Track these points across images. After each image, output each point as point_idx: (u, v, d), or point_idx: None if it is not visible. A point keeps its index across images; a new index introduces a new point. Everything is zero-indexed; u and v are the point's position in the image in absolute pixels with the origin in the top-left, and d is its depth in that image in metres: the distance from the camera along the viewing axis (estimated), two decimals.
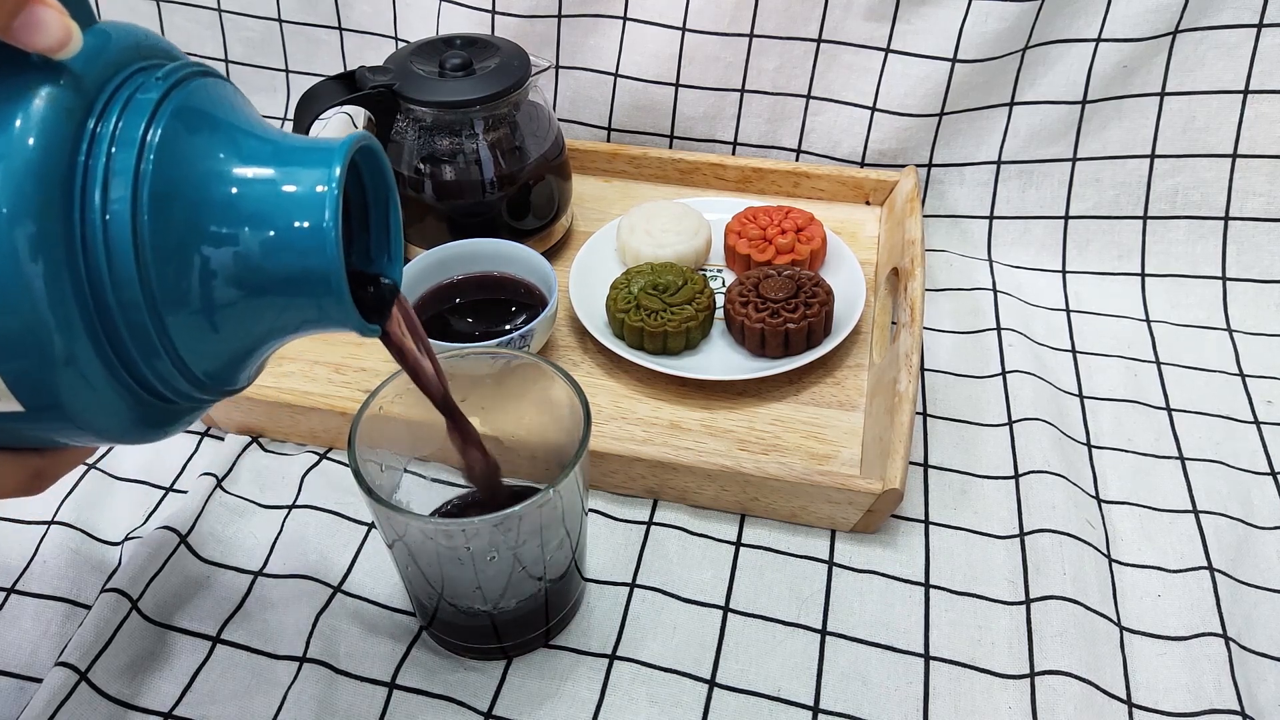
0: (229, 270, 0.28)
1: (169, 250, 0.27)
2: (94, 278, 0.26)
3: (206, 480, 0.53)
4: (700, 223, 0.68)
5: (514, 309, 0.62)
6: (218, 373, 0.30)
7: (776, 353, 0.59)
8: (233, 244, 0.28)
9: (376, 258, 0.35)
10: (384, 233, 0.35)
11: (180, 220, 0.27)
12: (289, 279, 0.28)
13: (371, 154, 0.32)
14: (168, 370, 0.28)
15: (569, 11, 0.75)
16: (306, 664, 0.45)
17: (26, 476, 0.30)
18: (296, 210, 0.28)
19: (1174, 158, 0.68)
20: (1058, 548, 0.50)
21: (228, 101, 0.30)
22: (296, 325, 0.31)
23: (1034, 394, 0.58)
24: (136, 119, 0.27)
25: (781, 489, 0.50)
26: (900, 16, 0.69)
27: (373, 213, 0.34)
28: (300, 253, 0.28)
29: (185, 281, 0.27)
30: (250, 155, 0.29)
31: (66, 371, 0.26)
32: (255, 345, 0.31)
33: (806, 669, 0.46)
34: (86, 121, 0.26)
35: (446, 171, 0.64)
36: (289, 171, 0.28)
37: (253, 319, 0.29)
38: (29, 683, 0.46)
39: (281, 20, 0.84)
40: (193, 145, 0.28)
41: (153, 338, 0.27)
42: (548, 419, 0.45)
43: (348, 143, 0.29)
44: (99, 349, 0.26)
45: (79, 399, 0.27)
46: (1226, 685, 0.45)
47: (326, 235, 0.28)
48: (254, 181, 0.28)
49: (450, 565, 0.40)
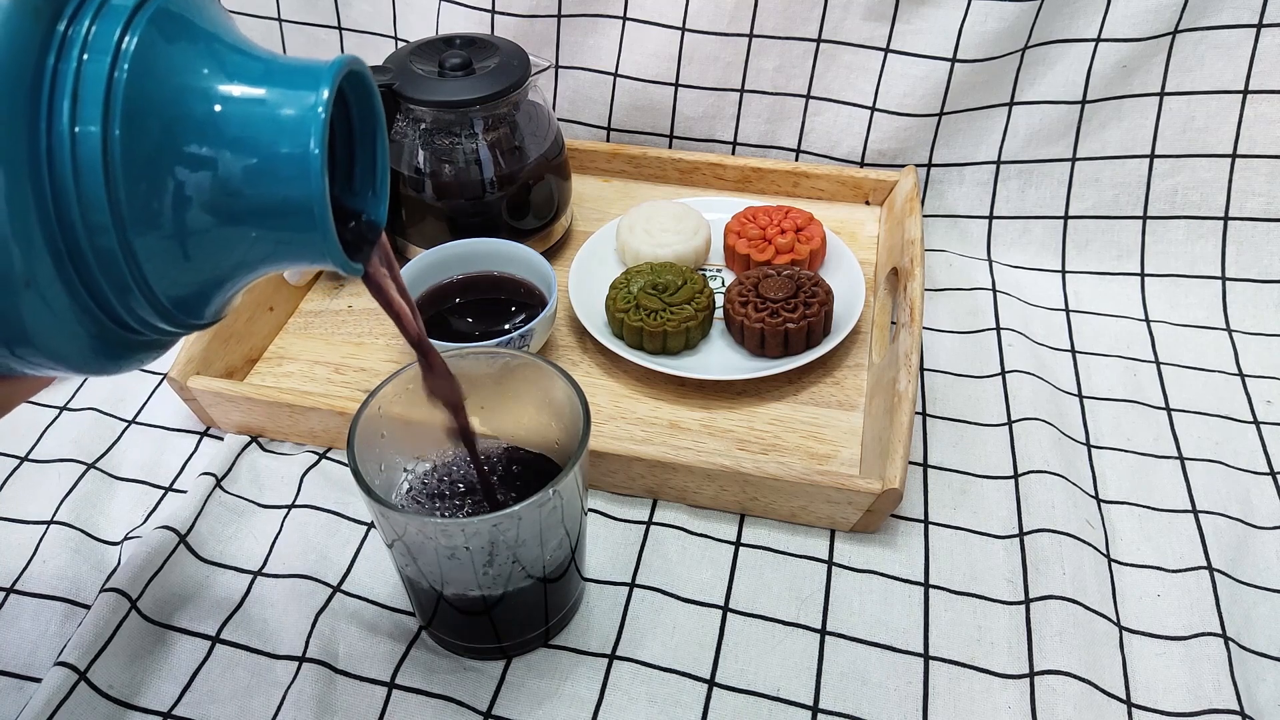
0: (204, 194, 0.26)
1: (141, 169, 0.25)
2: (59, 194, 0.24)
3: (206, 480, 0.53)
4: (700, 222, 0.68)
5: (514, 309, 0.62)
6: (185, 302, 0.28)
7: (776, 353, 0.59)
8: (210, 166, 0.26)
9: (360, 192, 0.33)
10: (369, 166, 0.33)
11: (155, 137, 0.25)
12: (269, 207, 0.27)
13: (360, 80, 0.30)
14: (134, 296, 0.27)
15: (569, 11, 0.75)
16: (306, 664, 0.45)
17: None
18: (280, 134, 0.26)
19: (1173, 158, 0.68)
20: (1057, 547, 0.50)
21: (209, 11, 0.28)
22: (274, 257, 0.29)
23: (1033, 394, 0.58)
24: (111, 24, 0.25)
25: (781, 489, 0.50)
26: (900, 16, 0.69)
27: (358, 144, 0.32)
28: (282, 180, 0.26)
29: (157, 203, 0.26)
30: (233, 71, 0.27)
31: (27, 293, 0.24)
32: (228, 276, 0.29)
33: (806, 669, 0.46)
34: (56, 24, 0.24)
35: (446, 171, 0.64)
36: (273, 92, 0.27)
37: (227, 247, 0.28)
38: (28, 682, 0.45)
39: (281, 20, 0.84)
40: (171, 56, 0.26)
41: (119, 261, 0.26)
42: (547, 418, 0.45)
43: (336, 65, 0.27)
44: (62, 270, 0.25)
45: (40, 323, 0.25)
46: (1226, 685, 0.45)
47: (311, 163, 0.26)
48: (235, 100, 0.26)
49: (450, 565, 0.40)
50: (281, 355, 0.63)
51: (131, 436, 0.58)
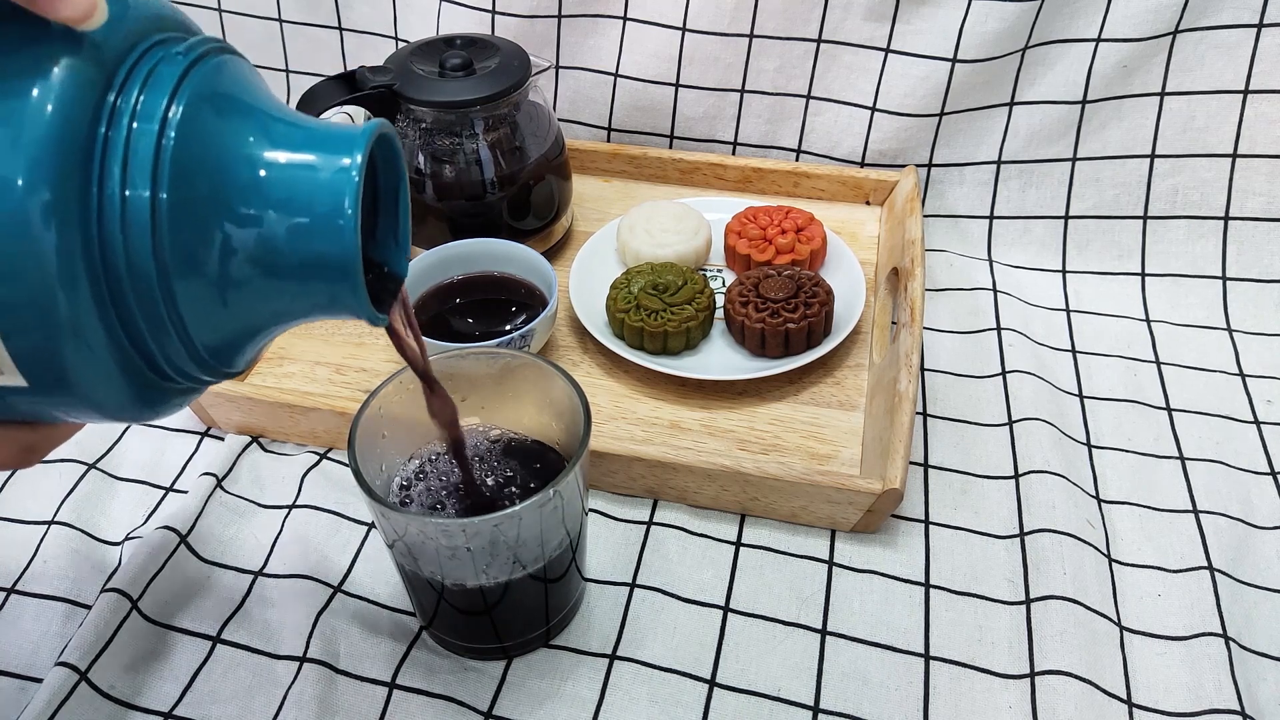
0: (244, 251, 0.28)
1: (185, 227, 0.27)
2: (108, 250, 0.25)
3: (207, 480, 0.53)
4: (700, 223, 0.68)
5: (514, 309, 0.62)
6: (220, 351, 0.30)
7: (776, 353, 0.59)
8: (251, 225, 0.28)
9: (383, 244, 0.35)
10: (393, 220, 0.34)
11: (199, 198, 0.27)
12: (305, 263, 0.28)
13: (388, 142, 0.32)
14: (173, 347, 0.28)
15: (569, 11, 0.75)
16: (307, 664, 0.45)
17: (19, 450, 0.30)
18: (318, 196, 0.28)
19: (1174, 158, 0.68)
20: (1058, 547, 0.50)
21: (246, 79, 0.30)
22: (306, 309, 0.30)
23: (1034, 394, 0.58)
24: (158, 94, 0.26)
25: (781, 489, 0.50)
26: (900, 16, 0.69)
27: (383, 200, 0.34)
28: (318, 238, 0.28)
29: (199, 259, 0.27)
30: (272, 137, 0.28)
31: (74, 346, 0.25)
32: (261, 327, 0.31)
33: (807, 669, 0.46)
34: (107, 94, 0.26)
35: (447, 171, 0.64)
36: (311, 157, 0.28)
37: (263, 301, 0.29)
38: (29, 682, 0.46)
39: (282, 20, 0.84)
40: (214, 123, 0.28)
41: (162, 314, 0.27)
42: (548, 419, 0.45)
43: (369, 130, 0.29)
44: (107, 323, 0.26)
45: (84, 375, 0.26)
46: (1226, 685, 0.45)
47: (346, 223, 0.28)
48: (275, 164, 0.28)
49: (450, 565, 0.40)
50: (282, 355, 0.63)
51: (132, 437, 0.58)
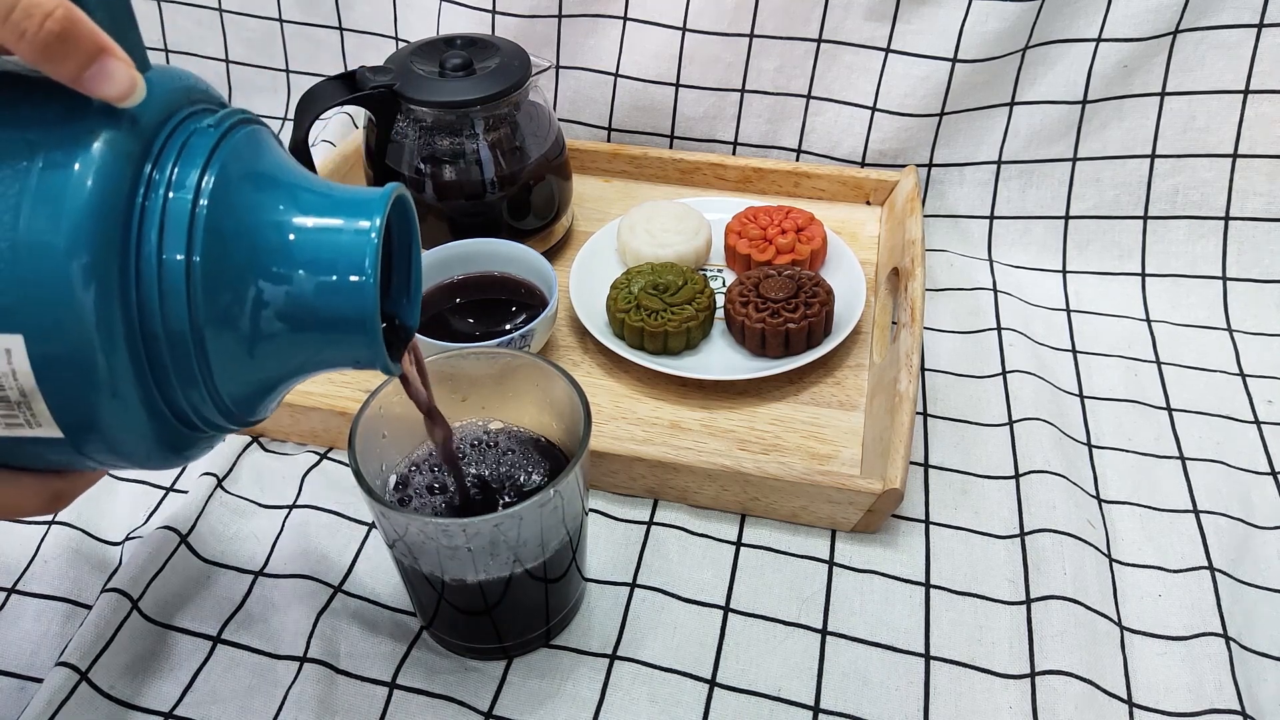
0: (272, 309, 0.30)
1: (218, 288, 0.29)
2: (145, 311, 0.27)
3: (207, 480, 0.53)
4: (700, 223, 0.68)
5: (514, 309, 0.62)
6: (244, 401, 0.32)
7: (777, 353, 0.59)
8: (278, 284, 0.30)
9: (396, 298, 0.37)
10: (405, 276, 0.36)
11: (230, 261, 0.29)
12: (327, 321, 0.30)
13: (402, 204, 0.34)
14: (201, 399, 0.30)
15: (569, 11, 0.75)
16: (307, 664, 0.45)
17: (48, 497, 0.32)
18: (340, 257, 0.30)
19: (1174, 158, 0.68)
20: (1058, 547, 0.50)
21: (272, 148, 0.32)
22: (327, 361, 0.33)
23: (1034, 394, 0.58)
24: (192, 165, 0.28)
25: (782, 489, 0.50)
26: (900, 16, 0.69)
27: (396, 256, 0.36)
28: (340, 297, 0.30)
29: (230, 318, 0.29)
30: (298, 203, 0.31)
31: (109, 400, 0.27)
32: (284, 378, 0.33)
33: (807, 669, 0.46)
34: (144, 165, 0.28)
35: (447, 171, 0.64)
36: (334, 221, 0.30)
37: (287, 354, 0.31)
38: (29, 683, 0.45)
39: (282, 20, 0.84)
40: (244, 190, 0.30)
41: (194, 369, 0.29)
42: (548, 419, 0.45)
43: (386, 194, 0.31)
44: (141, 379, 0.28)
45: (117, 427, 0.28)
46: (1227, 685, 0.45)
47: (366, 283, 0.30)
48: (301, 229, 0.30)
49: (451, 565, 0.40)
50: None
51: None
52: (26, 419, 0.27)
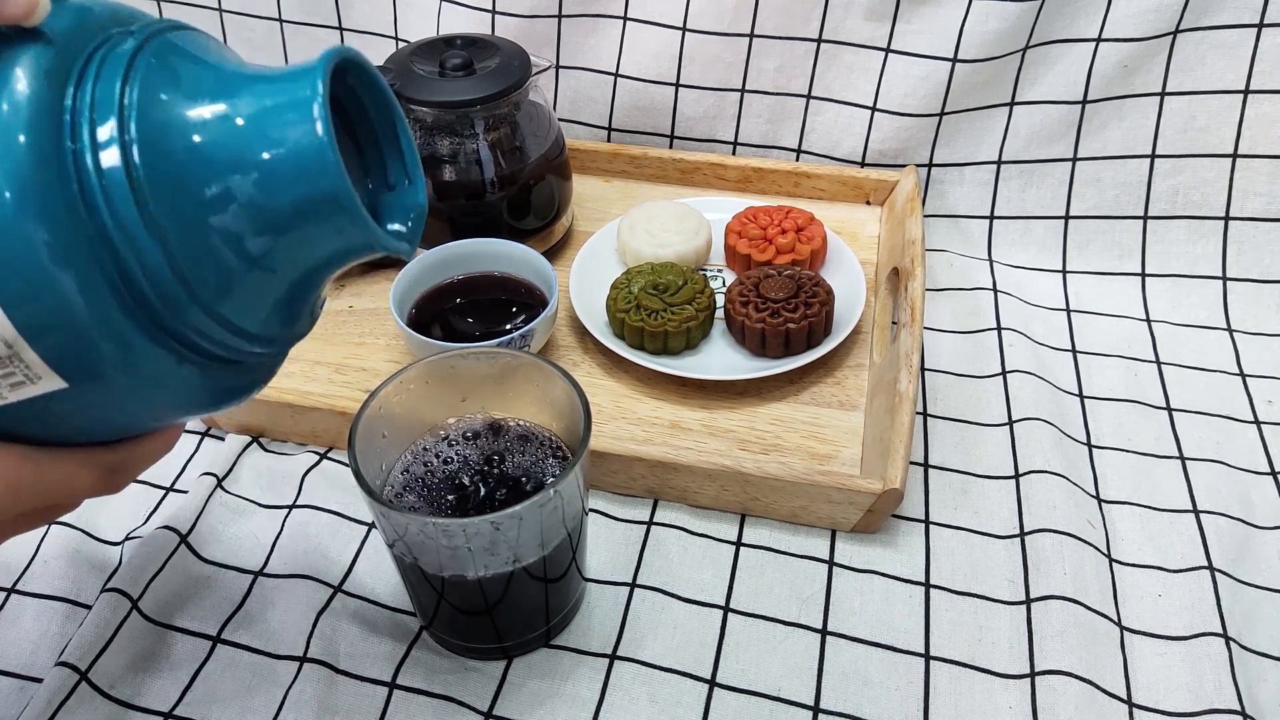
0: (235, 209, 0.27)
1: (170, 199, 0.26)
2: (104, 236, 0.25)
3: (207, 480, 0.53)
4: (700, 223, 0.68)
5: (514, 309, 0.62)
6: (258, 318, 0.30)
7: (777, 353, 0.59)
8: (231, 180, 0.27)
9: (396, 184, 0.34)
10: (397, 154, 0.33)
11: (174, 168, 0.26)
12: (298, 209, 0.27)
13: (359, 68, 0.31)
14: (204, 323, 0.28)
15: (569, 11, 0.75)
16: (307, 664, 0.45)
17: (100, 473, 0.30)
18: (287, 130, 0.27)
19: (1174, 158, 0.68)
20: (1058, 547, 0.50)
21: (201, 48, 0.30)
22: (327, 257, 0.30)
23: (1034, 394, 0.58)
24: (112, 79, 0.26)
25: (782, 489, 0.50)
26: (900, 16, 0.69)
27: (381, 135, 0.33)
28: (303, 177, 0.27)
29: (195, 228, 0.27)
30: (233, 93, 0.28)
31: (98, 334, 0.26)
32: (293, 287, 0.30)
33: (807, 669, 0.46)
34: (66, 86, 0.26)
35: (447, 171, 0.64)
36: (274, 100, 0.27)
37: (274, 257, 0.29)
38: (29, 682, 0.46)
39: (282, 20, 0.84)
40: (172, 93, 0.27)
41: (176, 289, 0.27)
42: (548, 419, 0.45)
43: (326, 55, 0.28)
44: (125, 307, 0.26)
45: (117, 363, 0.26)
46: (1227, 685, 0.45)
47: (324, 151, 0.27)
48: (242, 115, 0.27)
49: (451, 565, 0.40)
50: None
51: None
52: (24, 374, 0.26)
